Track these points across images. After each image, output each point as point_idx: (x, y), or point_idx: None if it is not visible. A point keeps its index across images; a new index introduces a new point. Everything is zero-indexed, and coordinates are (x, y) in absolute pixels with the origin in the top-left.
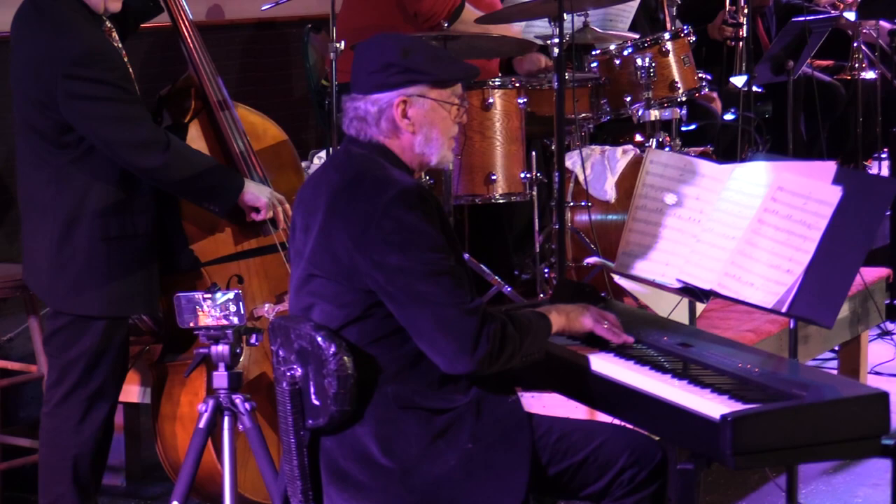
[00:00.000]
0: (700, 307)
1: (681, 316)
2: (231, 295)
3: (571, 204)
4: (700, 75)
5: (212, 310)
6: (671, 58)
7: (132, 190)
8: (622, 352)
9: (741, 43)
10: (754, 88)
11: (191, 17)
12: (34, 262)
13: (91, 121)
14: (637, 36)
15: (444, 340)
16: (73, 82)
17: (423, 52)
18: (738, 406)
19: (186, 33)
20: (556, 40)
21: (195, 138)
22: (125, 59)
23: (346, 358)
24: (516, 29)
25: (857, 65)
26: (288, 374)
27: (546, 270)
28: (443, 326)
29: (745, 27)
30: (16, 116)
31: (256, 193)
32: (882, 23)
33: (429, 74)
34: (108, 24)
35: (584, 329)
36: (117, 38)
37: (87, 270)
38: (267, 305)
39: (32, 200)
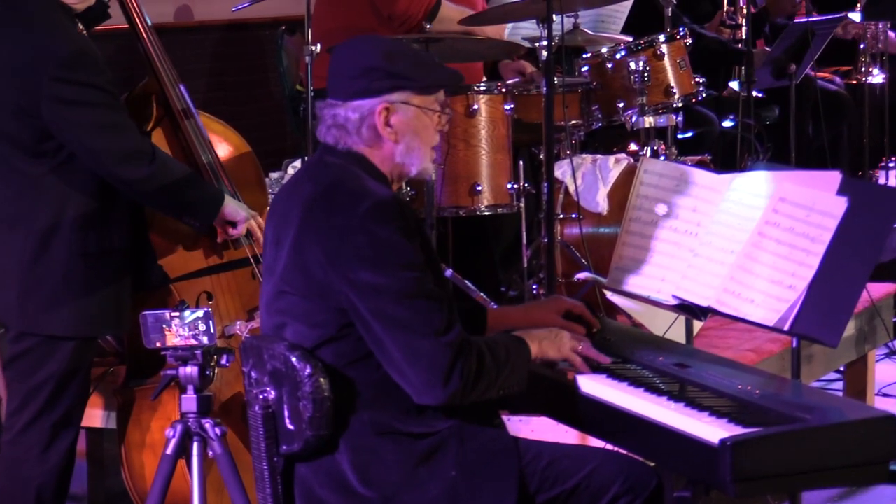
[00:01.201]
0: (697, 325)
1: (677, 335)
2: (200, 313)
3: (561, 216)
4: (697, 80)
5: (180, 329)
6: (666, 61)
7: (110, 202)
8: (615, 373)
9: (740, 45)
10: (755, 94)
11: (149, 21)
12: (0, 280)
13: (77, 128)
14: (630, 38)
15: (412, 371)
16: (61, 86)
17: (407, 57)
18: (738, 430)
19: (145, 37)
20: (545, 43)
21: (158, 147)
22: None
23: (322, 379)
24: (501, 31)
25: (863, 68)
26: (260, 396)
27: (534, 287)
28: (412, 356)
29: (744, 28)
30: None
31: (236, 207)
32: (891, 33)
33: (413, 80)
34: (80, 25)
35: (554, 358)
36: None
37: (63, 288)
38: (239, 323)
39: (2, 213)
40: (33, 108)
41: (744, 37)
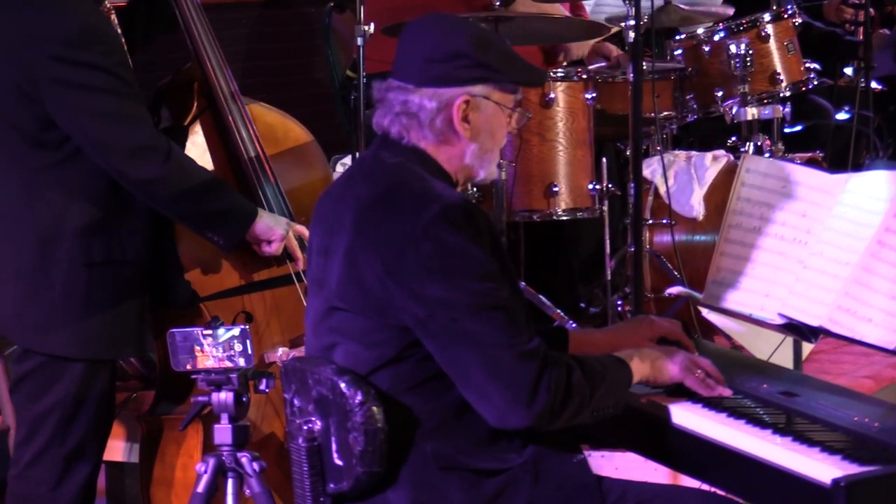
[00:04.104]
0: (807, 348)
1: (784, 359)
2: (236, 331)
3: (650, 222)
4: (807, 65)
5: (213, 349)
6: (772, 44)
7: (123, 206)
8: (712, 402)
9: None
10: (874, 83)
11: None
12: None
13: (80, 115)
14: (731, 11)
15: (494, 390)
16: (63, 66)
17: (497, 47)
18: (853, 468)
19: (189, 15)
20: (632, 23)
21: (197, 143)
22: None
23: (374, 408)
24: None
25: None
26: (305, 427)
27: (619, 303)
28: (493, 373)
29: (869, 9)
30: None
31: (271, 224)
32: None
33: (502, 74)
34: (108, 4)
35: (671, 380)
36: (117, 23)
37: (65, 302)
38: (280, 350)
39: None
40: (34, 90)
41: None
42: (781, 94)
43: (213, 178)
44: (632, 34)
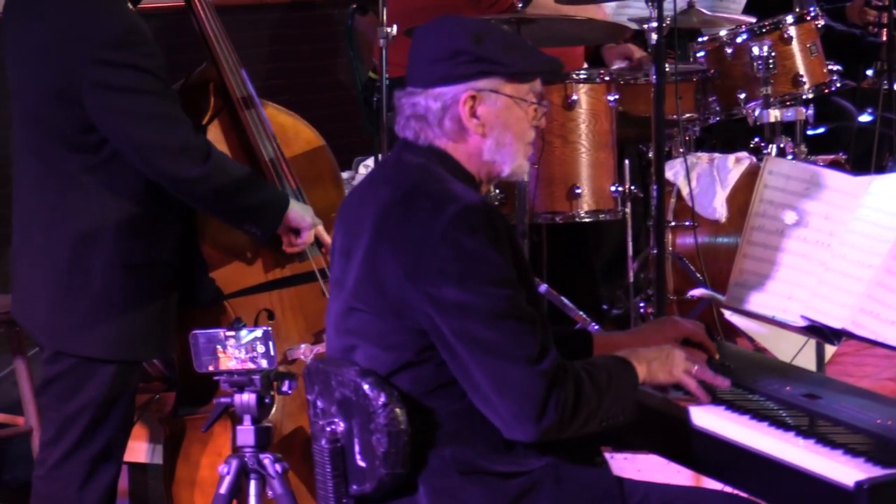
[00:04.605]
0: (830, 350)
1: (806, 361)
2: (259, 332)
3: (673, 224)
4: (830, 67)
5: (235, 350)
6: (795, 46)
7: (159, 207)
8: (735, 404)
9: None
10: None
11: None
12: (30, 292)
13: (122, 118)
14: (753, 20)
15: (501, 402)
16: (104, 68)
17: (498, 39)
18: (876, 471)
19: (203, 16)
20: (655, 24)
21: (215, 143)
22: None
23: (398, 410)
24: (606, 11)
25: None
26: (328, 429)
27: (642, 305)
28: (502, 386)
29: (892, 10)
30: (17, 112)
31: (301, 213)
32: None
33: (504, 65)
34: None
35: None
36: None
37: (102, 303)
38: (303, 346)
39: (34, 215)
40: (74, 93)
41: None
42: (804, 96)
43: (249, 172)
44: (654, 36)
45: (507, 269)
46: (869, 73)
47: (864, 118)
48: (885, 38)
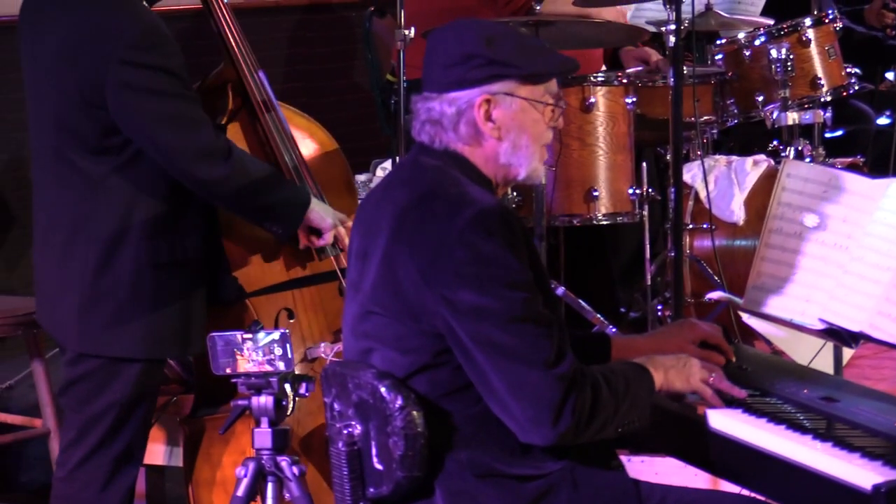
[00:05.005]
0: (848, 353)
1: (824, 364)
2: (276, 335)
3: (691, 226)
4: (848, 70)
5: (253, 353)
6: (813, 48)
7: (182, 206)
8: (752, 407)
9: None
10: None
11: None
12: (54, 295)
13: (145, 120)
14: (771, 22)
15: (517, 406)
16: (127, 69)
17: (511, 41)
18: (894, 474)
19: (221, 17)
20: (673, 27)
21: (236, 142)
22: None
23: (415, 413)
24: (622, 13)
25: None
26: (345, 431)
27: (659, 307)
28: (518, 389)
29: None
30: (35, 115)
31: (322, 213)
32: None
33: (518, 67)
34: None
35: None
36: None
37: (130, 303)
38: (323, 345)
39: (56, 218)
40: (98, 96)
41: None
42: (822, 99)
43: (270, 171)
44: (672, 38)
45: (524, 273)
46: (887, 75)
47: (883, 121)
48: None
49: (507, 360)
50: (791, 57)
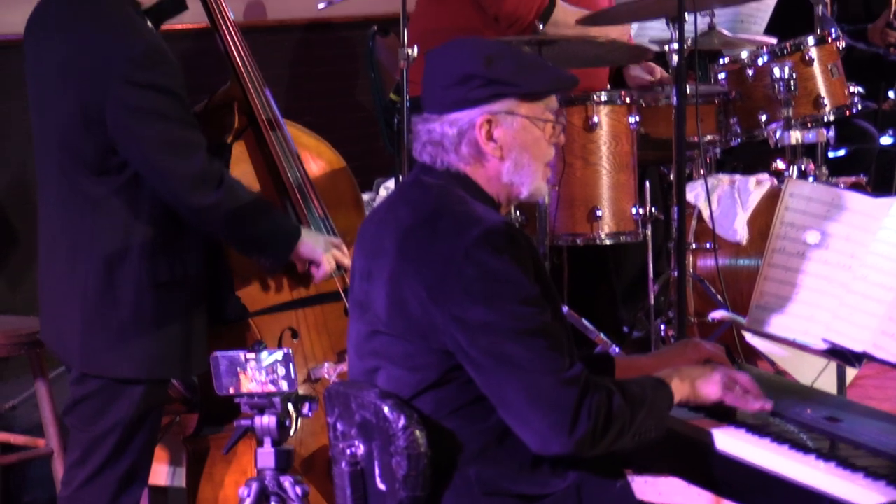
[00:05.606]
0: (851, 373)
1: (827, 384)
2: (279, 355)
3: (694, 246)
4: (851, 89)
5: (256, 373)
6: (816, 67)
7: (182, 225)
8: (756, 427)
9: None
10: None
11: (232, 16)
12: (58, 315)
13: (140, 143)
14: (774, 41)
15: (535, 415)
16: (127, 88)
17: (510, 59)
18: None
19: (228, 36)
20: (676, 46)
21: (239, 162)
22: None
23: (418, 432)
24: (626, 32)
25: None
26: (348, 451)
27: (662, 327)
28: (534, 398)
29: None
30: (38, 135)
31: (312, 245)
32: None
33: (517, 86)
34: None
35: (711, 398)
36: None
37: (132, 323)
38: (327, 365)
39: (59, 238)
40: (99, 115)
41: None
42: (825, 118)
43: (261, 201)
44: (675, 57)
45: (533, 288)
46: (890, 94)
47: (886, 140)
48: None
49: (521, 372)
50: (794, 76)
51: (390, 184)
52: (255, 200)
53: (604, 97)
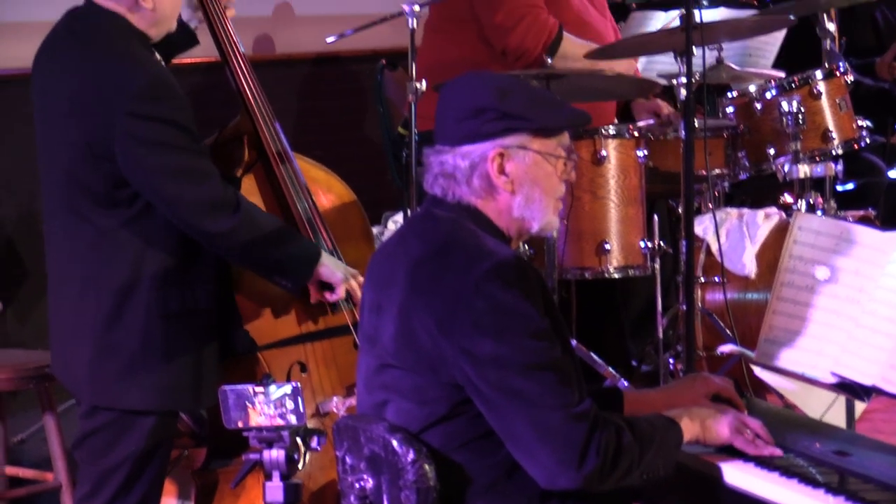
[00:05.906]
0: (860, 407)
1: (836, 418)
2: (288, 388)
3: (702, 280)
4: (859, 123)
5: (264, 406)
6: (824, 101)
7: (193, 255)
8: (765, 461)
9: None
10: None
11: (243, 49)
12: (68, 348)
13: (153, 174)
14: (782, 75)
15: (543, 451)
16: (137, 122)
17: (523, 94)
18: None
19: (238, 70)
20: (684, 80)
21: (249, 195)
22: None
23: (427, 466)
24: (634, 65)
25: None
26: (357, 485)
27: (671, 361)
28: (543, 433)
29: None
30: (46, 168)
31: (332, 268)
32: None
33: (530, 121)
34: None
35: (721, 440)
36: None
37: (142, 355)
38: (335, 399)
39: (69, 271)
40: (106, 148)
41: None
42: (833, 152)
43: (279, 224)
44: (684, 91)
45: (542, 322)
46: None
47: (894, 174)
48: None
49: (530, 407)
50: (802, 110)
51: (398, 217)
52: (275, 224)
53: (612, 131)
